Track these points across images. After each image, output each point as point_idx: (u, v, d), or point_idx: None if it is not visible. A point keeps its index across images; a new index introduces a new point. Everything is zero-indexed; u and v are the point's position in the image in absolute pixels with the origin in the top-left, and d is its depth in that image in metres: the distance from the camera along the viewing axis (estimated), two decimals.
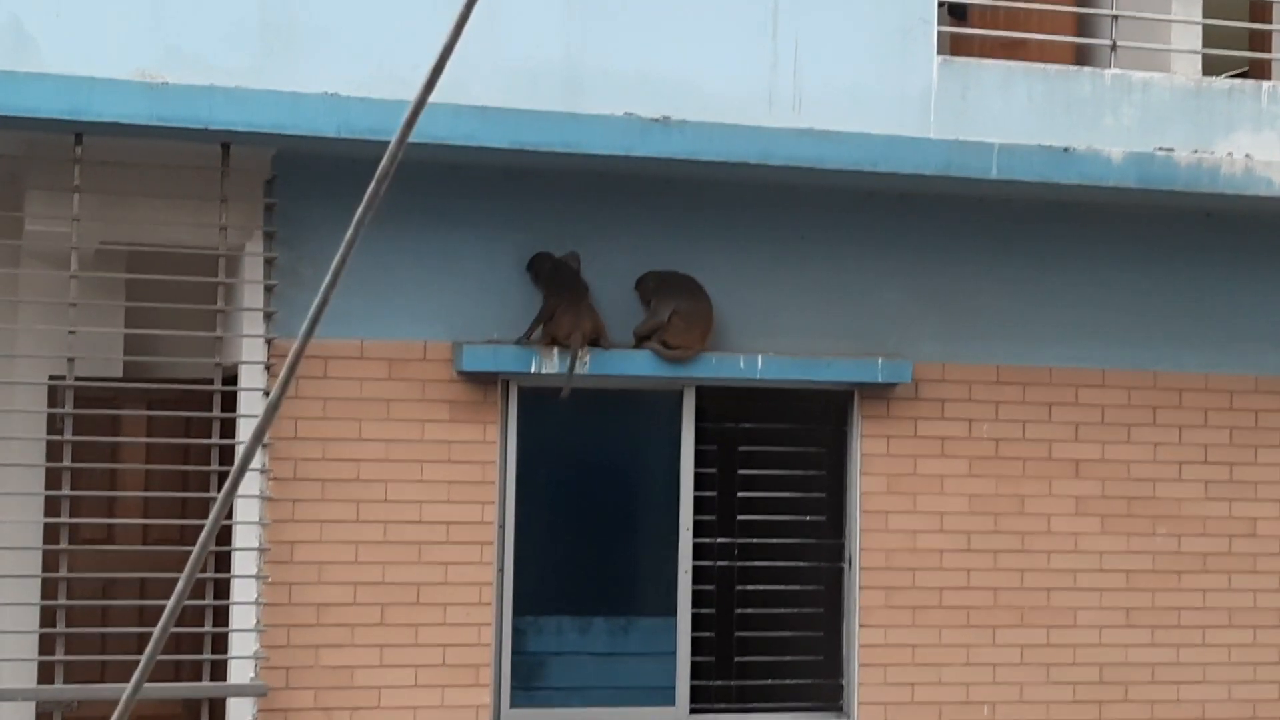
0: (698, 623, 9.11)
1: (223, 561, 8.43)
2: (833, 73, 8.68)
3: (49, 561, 8.33)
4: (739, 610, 9.27)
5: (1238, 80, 9.56)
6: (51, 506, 8.34)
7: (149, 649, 2.32)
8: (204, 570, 8.12)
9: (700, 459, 9.13)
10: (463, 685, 8.67)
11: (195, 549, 2.23)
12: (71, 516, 8.22)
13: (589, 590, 9.35)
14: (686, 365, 8.85)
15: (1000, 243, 9.53)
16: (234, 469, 1.99)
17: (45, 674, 8.35)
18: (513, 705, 8.82)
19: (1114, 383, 9.65)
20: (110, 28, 7.87)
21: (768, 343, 9.11)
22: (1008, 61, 9.19)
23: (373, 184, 1.81)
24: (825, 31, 8.68)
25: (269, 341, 8.44)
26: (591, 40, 8.40)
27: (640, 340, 8.87)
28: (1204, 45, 9.91)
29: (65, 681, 8.17)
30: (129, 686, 2.40)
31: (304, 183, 8.50)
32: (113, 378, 8.86)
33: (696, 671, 9.10)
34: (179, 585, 2.33)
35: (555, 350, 8.66)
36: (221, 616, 8.43)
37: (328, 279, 1.94)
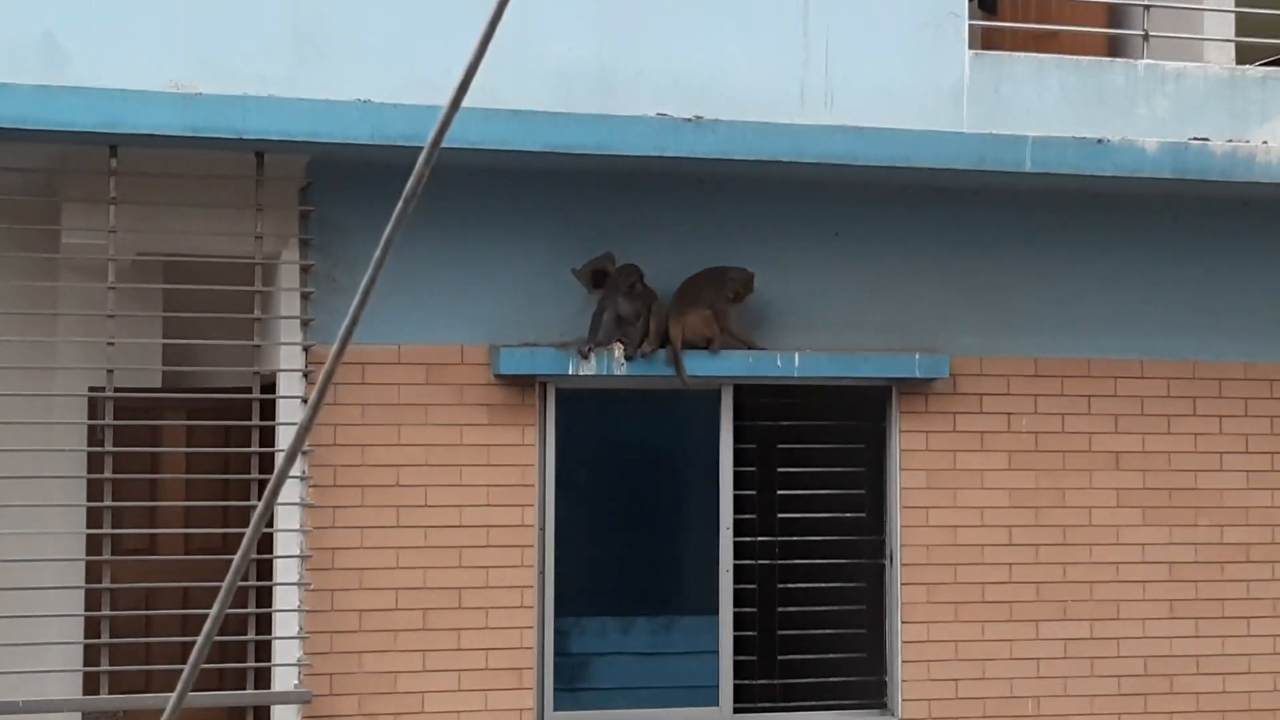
0: (740, 622, 9.11)
1: (264, 569, 8.45)
2: (864, 68, 8.67)
3: (92, 572, 8.36)
4: (781, 608, 9.26)
5: (1272, 68, 9.51)
6: (94, 518, 8.38)
7: (191, 659, 2.32)
8: (245, 578, 8.15)
9: (739, 457, 9.13)
10: (506, 688, 8.68)
11: (234, 563, 2.24)
12: (114, 527, 8.27)
13: (630, 591, 9.36)
14: (720, 358, 8.87)
15: (1036, 235, 9.50)
16: (268, 489, 2.00)
17: (90, 684, 8.40)
18: (556, 707, 8.83)
19: (1153, 373, 9.61)
20: (143, 39, 7.90)
21: (804, 340, 9.10)
22: (1040, 54, 9.18)
23: (400, 204, 1.81)
24: (856, 27, 8.68)
25: (307, 349, 8.46)
26: (622, 41, 8.40)
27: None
28: (1237, 34, 9.87)
29: (110, 691, 8.21)
30: (173, 697, 2.40)
31: (338, 189, 8.52)
32: (152, 388, 8.88)
33: (739, 670, 9.10)
34: (219, 596, 2.33)
35: (592, 353, 8.68)
36: (264, 624, 8.46)
37: (356, 299, 1.94)
